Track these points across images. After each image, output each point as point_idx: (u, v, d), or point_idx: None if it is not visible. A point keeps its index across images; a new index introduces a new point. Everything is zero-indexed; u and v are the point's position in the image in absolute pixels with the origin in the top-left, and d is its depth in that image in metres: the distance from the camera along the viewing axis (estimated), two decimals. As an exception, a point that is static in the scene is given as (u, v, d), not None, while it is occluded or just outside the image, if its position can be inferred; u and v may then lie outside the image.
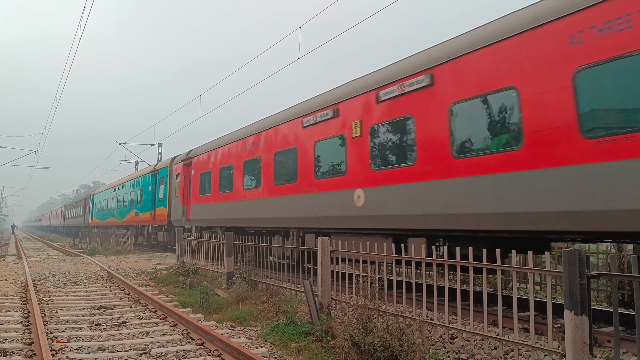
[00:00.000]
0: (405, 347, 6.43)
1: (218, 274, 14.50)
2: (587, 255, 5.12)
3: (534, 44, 7.76)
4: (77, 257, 26.85)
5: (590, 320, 4.99)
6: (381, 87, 10.79)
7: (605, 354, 6.54)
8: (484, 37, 8.70)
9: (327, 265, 9.40)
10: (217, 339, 7.65)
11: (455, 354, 7.05)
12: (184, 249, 18.24)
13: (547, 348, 5.98)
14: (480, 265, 6.96)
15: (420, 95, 9.80)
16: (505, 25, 8.40)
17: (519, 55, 7.99)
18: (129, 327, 9.30)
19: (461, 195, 8.73)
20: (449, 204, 8.96)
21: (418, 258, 7.86)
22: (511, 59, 8.09)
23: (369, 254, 8.78)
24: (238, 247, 13.58)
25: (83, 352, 7.44)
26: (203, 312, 10.81)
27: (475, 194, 8.49)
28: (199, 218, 21.04)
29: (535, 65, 7.70)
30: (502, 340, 6.53)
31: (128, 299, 12.43)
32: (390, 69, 10.97)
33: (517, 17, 8.21)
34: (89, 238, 42.96)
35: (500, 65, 8.29)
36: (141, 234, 32.60)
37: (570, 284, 5.06)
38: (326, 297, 9.26)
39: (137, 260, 23.59)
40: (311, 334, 8.14)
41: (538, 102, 7.61)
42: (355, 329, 6.87)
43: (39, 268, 19.98)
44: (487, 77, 8.46)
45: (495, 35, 8.46)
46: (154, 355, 7.31)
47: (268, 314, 9.98)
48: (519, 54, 7.98)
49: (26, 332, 8.59)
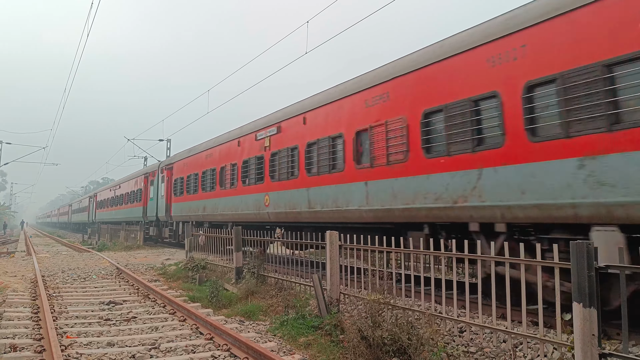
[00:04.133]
0: (414, 340, 6.43)
1: (227, 269, 14.55)
2: (595, 247, 5.09)
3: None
4: (87, 253, 27.00)
5: (599, 313, 4.97)
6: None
7: (614, 347, 6.51)
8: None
9: (335, 259, 9.39)
10: (226, 333, 7.67)
11: (464, 347, 7.04)
12: (192, 244, 18.30)
13: (556, 340, 5.96)
14: (487, 258, 6.95)
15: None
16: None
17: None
18: (138, 322, 9.35)
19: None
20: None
21: (426, 252, 7.84)
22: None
23: (377, 247, 8.77)
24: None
25: (92, 347, 7.47)
26: (212, 306, 10.85)
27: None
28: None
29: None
30: (511, 333, 6.51)
31: (137, 294, 12.50)
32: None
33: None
34: (98, 234, 43.14)
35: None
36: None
37: (578, 276, 5.04)
38: (335, 291, 9.26)
39: (147, 256, 23.70)
40: (320, 328, 8.15)
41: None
42: (364, 323, 6.88)
43: (48, 264, 20.12)
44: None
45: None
46: (163, 350, 7.34)
47: (277, 308, 10.01)
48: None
49: (36, 327, 8.65)
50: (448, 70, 9.41)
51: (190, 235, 18.52)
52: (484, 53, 8.70)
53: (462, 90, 9.01)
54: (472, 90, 8.81)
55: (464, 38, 9.31)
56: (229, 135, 20.06)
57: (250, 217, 17.19)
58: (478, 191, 8.58)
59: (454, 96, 9.16)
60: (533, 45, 7.86)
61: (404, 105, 10.44)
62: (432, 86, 9.76)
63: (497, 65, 8.43)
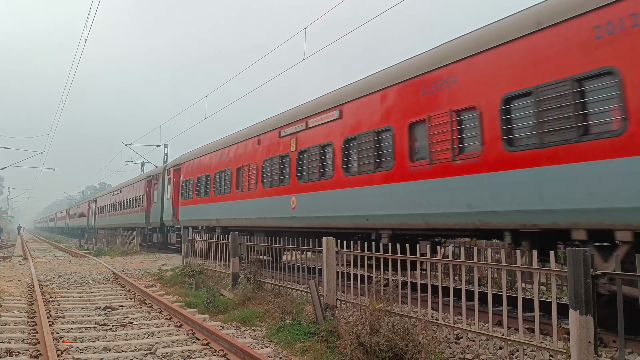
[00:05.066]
0: (411, 347, 6.44)
1: (224, 275, 14.52)
2: (592, 254, 5.11)
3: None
4: (83, 258, 26.97)
5: (595, 320, 4.97)
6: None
7: (610, 354, 6.51)
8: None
9: (332, 266, 9.39)
10: (223, 339, 7.66)
11: (460, 354, 7.03)
12: (189, 250, 18.29)
13: (552, 348, 5.96)
14: (485, 265, 6.96)
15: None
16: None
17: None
18: (135, 327, 9.32)
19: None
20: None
21: (423, 258, 7.85)
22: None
23: (374, 253, 8.76)
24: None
25: (88, 352, 7.46)
26: (209, 312, 10.83)
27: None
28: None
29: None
30: (507, 340, 6.51)
31: (134, 300, 12.47)
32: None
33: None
34: (94, 239, 43.08)
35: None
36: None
37: (575, 283, 5.05)
38: (331, 298, 9.25)
39: (143, 261, 23.64)
40: (316, 334, 8.15)
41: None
42: (361, 329, 6.87)
43: (45, 269, 20.06)
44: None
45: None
46: (159, 355, 7.32)
47: (273, 314, 10.00)
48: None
49: (32, 332, 8.63)
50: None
51: (186, 241, 18.51)
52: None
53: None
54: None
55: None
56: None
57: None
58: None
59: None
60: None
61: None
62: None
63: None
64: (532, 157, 7.83)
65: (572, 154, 7.30)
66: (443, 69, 9.68)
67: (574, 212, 7.32)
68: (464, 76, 9.23)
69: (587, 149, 7.09)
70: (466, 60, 9.20)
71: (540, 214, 7.74)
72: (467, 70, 9.19)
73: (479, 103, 8.81)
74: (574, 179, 7.26)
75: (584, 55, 7.19)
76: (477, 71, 9.00)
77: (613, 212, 6.83)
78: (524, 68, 8.09)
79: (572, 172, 7.29)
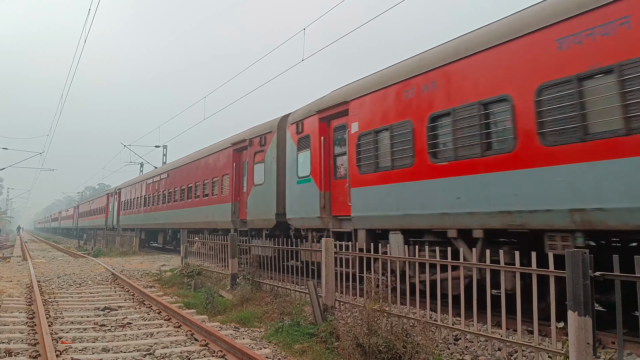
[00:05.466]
0: (409, 348, 6.44)
1: (222, 275, 14.52)
2: (590, 255, 5.11)
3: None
4: (82, 259, 26.94)
5: (593, 321, 4.98)
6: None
7: (609, 356, 6.51)
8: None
9: (331, 267, 9.39)
10: (221, 339, 7.66)
11: (459, 355, 7.04)
12: (188, 251, 18.28)
13: (550, 349, 5.97)
14: (484, 267, 6.96)
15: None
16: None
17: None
18: (133, 328, 9.32)
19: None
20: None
21: (422, 259, 7.85)
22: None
23: (372, 255, 8.77)
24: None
25: (87, 353, 7.45)
26: (207, 313, 10.83)
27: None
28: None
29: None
30: (506, 342, 6.52)
31: (132, 300, 12.46)
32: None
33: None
34: (94, 240, 43.07)
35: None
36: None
37: (573, 284, 5.05)
38: (330, 299, 9.25)
39: (142, 262, 23.63)
40: (315, 335, 8.14)
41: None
42: (359, 331, 6.88)
43: (44, 269, 20.07)
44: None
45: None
46: (158, 356, 7.32)
47: (272, 315, 9.99)
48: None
49: (31, 332, 8.63)
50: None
51: (185, 242, 18.51)
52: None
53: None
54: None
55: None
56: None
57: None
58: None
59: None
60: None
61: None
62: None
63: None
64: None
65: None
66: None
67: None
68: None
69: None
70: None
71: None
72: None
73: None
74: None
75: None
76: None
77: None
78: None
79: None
